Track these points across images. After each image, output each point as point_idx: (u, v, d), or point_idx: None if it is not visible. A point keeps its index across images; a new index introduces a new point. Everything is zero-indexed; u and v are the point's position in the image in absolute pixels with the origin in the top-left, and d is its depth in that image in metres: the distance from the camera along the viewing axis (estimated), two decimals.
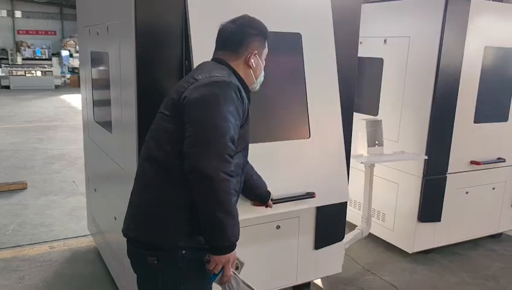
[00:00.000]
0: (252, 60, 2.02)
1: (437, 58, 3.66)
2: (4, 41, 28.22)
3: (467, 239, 4.37)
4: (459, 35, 3.69)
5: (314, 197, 2.89)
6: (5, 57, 24.90)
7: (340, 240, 3.46)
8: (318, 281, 3.66)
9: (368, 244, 4.36)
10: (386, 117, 4.12)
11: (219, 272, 1.87)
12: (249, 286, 1.99)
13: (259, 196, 2.53)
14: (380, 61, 4.18)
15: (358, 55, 4.38)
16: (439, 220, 4.03)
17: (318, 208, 3.27)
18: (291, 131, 2.89)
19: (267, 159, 2.70)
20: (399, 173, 4.07)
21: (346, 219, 4.70)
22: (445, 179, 3.96)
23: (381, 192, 4.24)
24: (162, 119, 1.92)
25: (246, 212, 2.54)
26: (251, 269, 3.08)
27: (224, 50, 2.04)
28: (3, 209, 5.13)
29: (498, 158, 4.23)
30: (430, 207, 3.96)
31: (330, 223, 3.36)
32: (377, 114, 4.24)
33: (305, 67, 2.89)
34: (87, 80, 3.77)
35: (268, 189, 2.55)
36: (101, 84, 3.36)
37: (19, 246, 4.22)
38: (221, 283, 1.93)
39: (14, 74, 18.67)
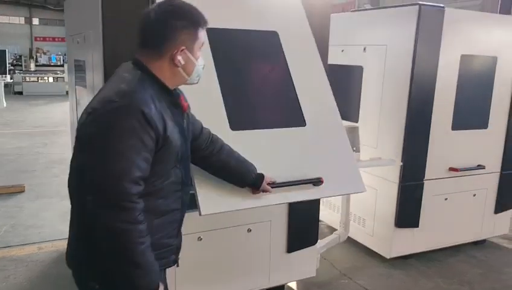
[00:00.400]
0: (179, 58, 1.73)
1: (411, 66, 3.73)
2: (22, 48, 28.95)
3: (448, 245, 4.39)
4: (433, 43, 3.76)
5: (321, 183, 2.55)
6: (19, 63, 25.48)
7: (313, 244, 3.51)
8: (292, 284, 3.72)
9: (349, 249, 4.42)
10: (366, 123, 4.20)
11: None
12: None
13: (247, 181, 2.26)
14: (360, 68, 4.26)
15: (341, 63, 4.52)
16: (417, 226, 4.07)
17: (290, 212, 3.35)
18: (287, 119, 2.79)
19: (265, 146, 2.57)
20: (378, 179, 4.13)
21: (328, 223, 4.84)
22: (422, 185, 4.01)
23: (362, 198, 4.27)
24: (73, 153, 1.73)
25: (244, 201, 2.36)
26: (223, 270, 3.19)
27: (143, 48, 1.75)
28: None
29: (478, 165, 4.26)
30: (407, 213, 4.01)
31: (303, 227, 3.43)
32: (357, 121, 4.31)
33: (288, 62, 2.86)
34: (72, 86, 3.93)
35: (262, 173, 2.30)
36: (82, 91, 3.51)
37: (8, 246, 4.37)
38: None
39: (27, 80, 19.16)
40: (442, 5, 3.76)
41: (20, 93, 18.54)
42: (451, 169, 4.14)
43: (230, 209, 2.37)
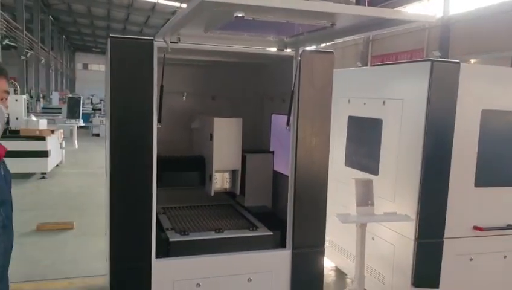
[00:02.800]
0: None
1: (424, 121, 3.68)
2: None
3: None
4: (449, 98, 3.69)
5: None
6: (99, 107, 27.68)
7: None
8: None
9: None
10: (385, 177, 4.15)
11: None
12: None
13: None
14: (380, 122, 4.26)
15: (362, 116, 4.56)
16: (437, 287, 3.87)
17: (293, 264, 3.36)
18: None
19: None
20: (395, 234, 4.02)
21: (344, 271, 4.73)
22: (441, 243, 3.83)
23: (381, 253, 4.19)
24: None
25: None
26: None
27: None
28: (44, 245, 5.78)
29: (508, 225, 4.01)
30: (425, 272, 3.83)
31: (306, 280, 3.41)
32: (377, 173, 4.27)
33: None
34: None
35: None
36: None
37: (44, 280, 4.73)
38: None
39: (105, 123, 20.74)
40: (457, 60, 3.72)
41: (97, 135, 20.06)
42: (476, 228, 3.93)
43: None
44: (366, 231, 3.90)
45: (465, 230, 3.93)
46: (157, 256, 3.02)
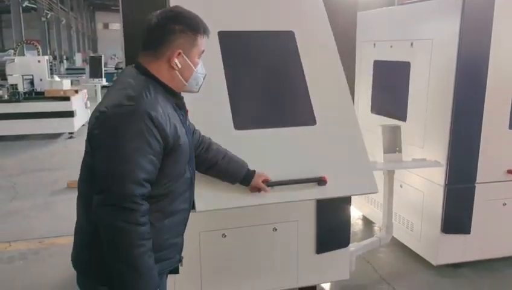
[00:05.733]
0: (176, 61, 1.79)
1: (456, 61, 3.47)
2: None
3: (509, 255, 4.01)
4: (482, 36, 3.46)
5: (325, 183, 2.48)
6: (121, 67, 27.70)
7: (345, 246, 3.44)
8: (326, 286, 3.68)
9: (396, 253, 4.24)
10: (413, 122, 4.00)
11: None
12: None
13: (237, 178, 2.29)
14: (407, 65, 4.05)
15: (389, 59, 4.37)
16: (468, 232, 3.78)
17: (318, 213, 3.32)
18: (295, 118, 2.76)
19: (268, 145, 2.58)
20: (424, 181, 3.91)
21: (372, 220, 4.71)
22: (472, 188, 3.71)
23: (410, 200, 4.10)
24: (84, 153, 1.83)
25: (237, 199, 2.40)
26: (248, 268, 3.26)
27: (145, 50, 1.83)
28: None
29: None
30: (455, 218, 3.74)
31: (332, 229, 3.37)
32: (405, 119, 4.11)
33: (302, 62, 2.82)
34: None
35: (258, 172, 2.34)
36: None
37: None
38: None
39: None
40: None
41: None
42: (510, 172, 3.78)
43: (224, 207, 2.44)
44: (393, 178, 3.80)
45: (498, 174, 3.79)
46: None
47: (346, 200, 3.35)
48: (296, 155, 2.61)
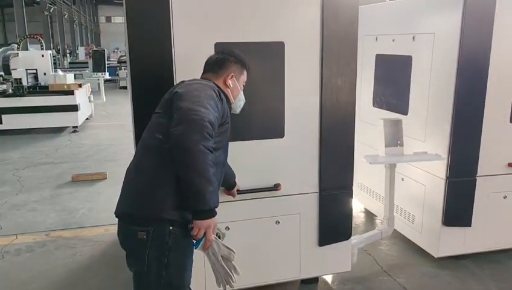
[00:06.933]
0: (229, 81, 2.47)
1: (457, 55, 3.49)
2: None
3: (510, 247, 4.05)
4: (484, 30, 3.47)
5: (279, 189, 3.22)
6: (125, 60, 27.69)
7: (346, 239, 3.48)
8: (328, 277, 3.73)
9: (397, 245, 4.29)
10: (415, 116, 4.03)
11: (201, 238, 2.15)
12: (229, 249, 2.26)
13: (228, 184, 2.98)
14: (409, 58, 4.07)
15: (391, 53, 4.38)
16: (469, 225, 3.82)
17: (320, 206, 3.36)
18: (267, 131, 3.17)
19: (242, 156, 3.07)
20: (425, 174, 3.94)
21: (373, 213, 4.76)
22: (473, 181, 3.74)
23: (411, 193, 4.14)
24: (155, 117, 2.31)
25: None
26: (251, 260, 3.31)
27: (207, 72, 2.50)
28: (81, 195, 5.98)
29: None
30: (456, 211, 3.77)
31: (334, 222, 3.42)
32: (406, 113, 4.14)
33: (285, 74, 3.09)
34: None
35: (236, 181, 3.02)
36: None
37: (81, 227, 4.93)
38: (204, 249, 2.20)
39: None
40: None
41: (125, 88, 20.13)
42: (511, 165, 3.80)
43: None
44: (395, 171, 3.83)
45: (499, 167, 3.82)
46: None
47: (348, 193, 3.39)
48: (262, 165, 3.20)
